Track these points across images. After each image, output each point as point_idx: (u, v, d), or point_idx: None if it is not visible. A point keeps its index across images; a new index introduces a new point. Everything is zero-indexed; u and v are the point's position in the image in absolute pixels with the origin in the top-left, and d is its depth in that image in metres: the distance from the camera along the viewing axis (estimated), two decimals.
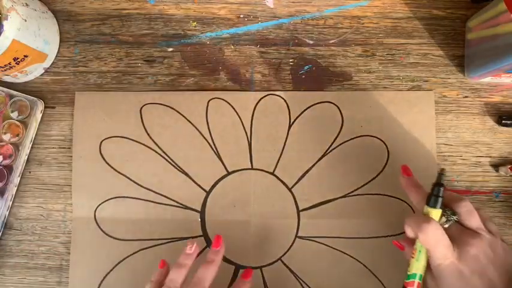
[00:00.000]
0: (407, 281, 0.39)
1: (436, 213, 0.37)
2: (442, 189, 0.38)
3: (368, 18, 0.50)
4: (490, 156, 0.49)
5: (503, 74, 0.44)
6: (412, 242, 0.39)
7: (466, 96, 0.49)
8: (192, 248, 0.42)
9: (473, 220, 0.37)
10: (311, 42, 0.50)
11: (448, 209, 0.38)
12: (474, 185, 0.49)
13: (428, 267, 0.38)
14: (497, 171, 0.48)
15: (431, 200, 0.38)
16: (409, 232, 0.38)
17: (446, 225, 0.37)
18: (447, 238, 0.36)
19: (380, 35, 0.50)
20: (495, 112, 0.49)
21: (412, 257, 0.38)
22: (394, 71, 0.49)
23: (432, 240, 0.36)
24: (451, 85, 0.49)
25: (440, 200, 0.37)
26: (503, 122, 0.48)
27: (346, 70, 0.50)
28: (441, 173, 0.38)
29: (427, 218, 0.37)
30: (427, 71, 0.49)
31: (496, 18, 0.42)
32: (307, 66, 0.50)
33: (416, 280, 0.38)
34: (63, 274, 0.49)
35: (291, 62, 0.50)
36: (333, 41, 0.50)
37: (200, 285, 0.40)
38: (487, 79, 0.48)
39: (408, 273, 0.39)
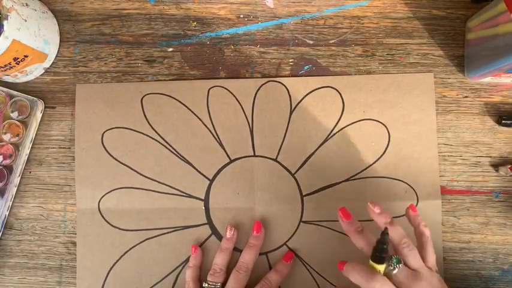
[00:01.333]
0: None
1: (381, 266, 0.38)
2: (385, 247, 0.38)
3: (368, 18, 0.50)
4: (490, 156, 0.49)
5: (503, 74, 0.44)
6: None
7: (466, 96, 0.49)
8: (231, 233, 0.47)
9: (413, 262, 0.39)
10: (311, 42, 0.50)
11: (394, 257, 0.39)
12: (474, 185, 0.49)
13: None
14: (497, 171, 0.48)
15: (376, 257, 0.38)
16: (356, 280, 0.39)
17: (394, 272, 0.38)
18: None
19: (380, 35, 0.50)
20: (495, 112, 0.49)
21: None
22: (394, 71, 0.49)
23: None
24: (451, 85, 0.49)
25: (383, 258, 0.38)
26: (503, 122, 0.48)
27: (346, 70, 0.50)
28: (385, 232, 0.38)
29: (373, 274, 0.38)
30: (427, 71, 0.49)
31: (495, 18, 0.42)
32: (307, 66, 0.50)
33: None
34: (63, 274, 0.49)
35: (291, 62, 0.50)
36: (333, 41, 0.50)
37: (245, 267, 0.46)
38: (487, 79, 0.48)
39: None
